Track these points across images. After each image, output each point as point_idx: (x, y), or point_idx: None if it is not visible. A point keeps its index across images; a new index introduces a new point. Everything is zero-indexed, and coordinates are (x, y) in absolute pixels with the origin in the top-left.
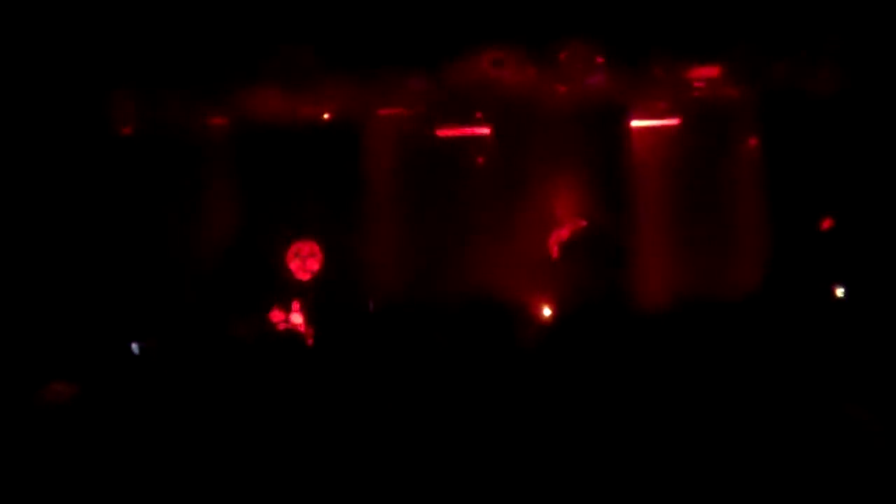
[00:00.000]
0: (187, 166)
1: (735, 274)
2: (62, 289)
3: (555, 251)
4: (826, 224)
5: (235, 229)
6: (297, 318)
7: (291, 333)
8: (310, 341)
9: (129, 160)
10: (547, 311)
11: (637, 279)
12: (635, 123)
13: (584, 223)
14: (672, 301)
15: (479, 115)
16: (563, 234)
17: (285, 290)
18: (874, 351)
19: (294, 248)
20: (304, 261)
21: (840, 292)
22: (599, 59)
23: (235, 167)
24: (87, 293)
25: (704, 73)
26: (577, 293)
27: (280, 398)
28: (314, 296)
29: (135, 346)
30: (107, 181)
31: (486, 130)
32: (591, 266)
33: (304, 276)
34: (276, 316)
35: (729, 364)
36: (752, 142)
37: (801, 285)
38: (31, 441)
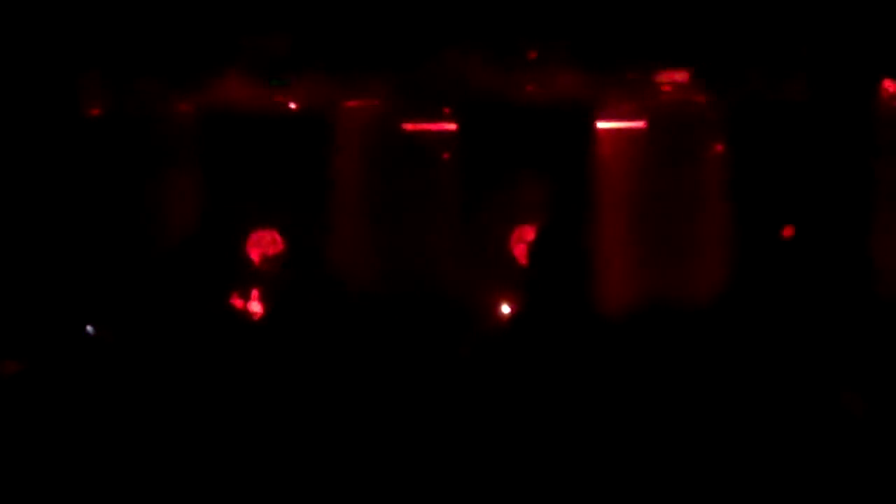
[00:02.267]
0: (152, 151)
1: (699, 279)
2: (18, 269)
3: (517, 250)
4: (788, 231)
5: (198, 216)
6: (256, 307)
7: (245, 317)
8: (266, 328)
9: (94, 143)
10: (506, 309)
11: (600, 281)
12: (601, 125)
13: (548, 223)
14: (635, 304)
15: (446, 110)
16: (526, 233)
17: (245, 279)
18: (836, 352)
19: (255, 236)
20: (266, 249)
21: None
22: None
23: (200, 154)
24: (44, 275)
25: (673, 78)
26: (539, 293)
27: (233, 381)
28: (274, 285)
29: (90, 329)
30: (70, 163)
31: (452, 126)
32: (554, 267)
33: (265, 265)
34: (236, 304)
35: (693, 367)
36: (719, 147)
37: (764, 291)
38: None
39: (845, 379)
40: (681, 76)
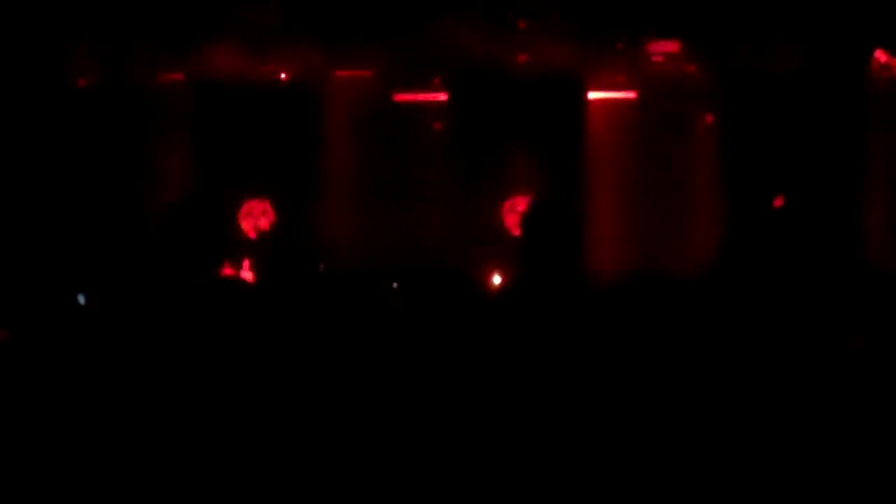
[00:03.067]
0: (143, 120)
1: (690, 249)
2: (8, 237)
3: (508, 221)
4: (779, 201)
5: (188, 185)
6: (247, 277)
7: (236, 281)
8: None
9: (84, 112)
10: (497, 280)
11: (591, 252)
12: (592, 95)
13: (539, 193)
14: (626, 274)
15: (437, 80)
16: (517, 203)
17: (236, 248)
18: (826, 321)
19: (246, 206)
20: (257, 219)
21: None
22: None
23: (191, 124)
24: (34, 243)
25: (664, 48)
26: (530, 264)
27: (226, 351)
28: (265, 255)
29: (81, 297)
30: (60, 133)
31: (443, 97)
32: (545, 237)
33: (256, 235)
34: (227, 274)
35: (684, 336)
36: (710, 118)
37: (755, 261)
38: None
39: (836, 347)
40: (672, 46)
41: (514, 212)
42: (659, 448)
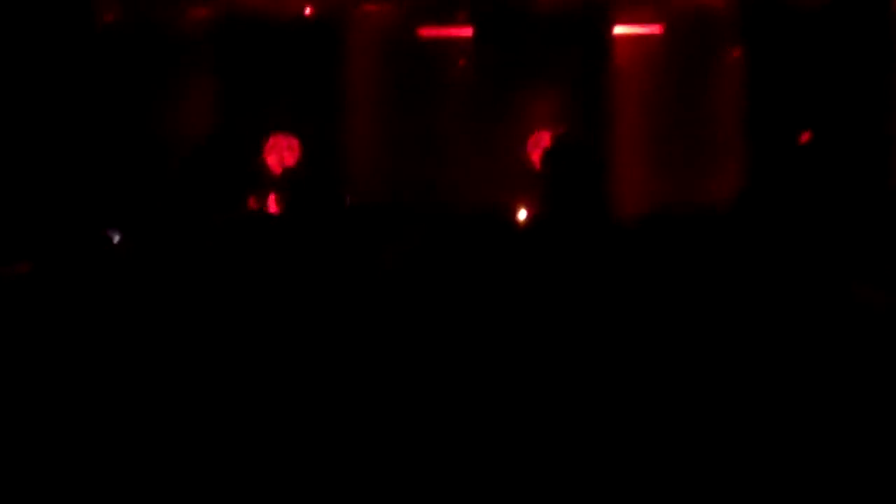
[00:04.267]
0: (168, 58)
1: (715, 186)
2: (39, 172)
3: (533, 157)
4: (805, 137)
5: (214, 121)
6: (272, 212)
7: (262, 216)
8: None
9: (110, 50)
10: (523, 215)
11: (617, 187)
12: (618, 30)
13: (563, 130)
14: (650, 213)
15: (462, 15)
16: (542, 139)
17: (261, 184)
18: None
19: (272, 141)
20: (282, 155)
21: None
22: None
23: (216, 60)
24: (66, 182)
25: None
26: (555, 199)
27: (249, 287)
28: (290, 190)
29: (113, 234)
30: (87, 70)
31: (468, 32)
32: (569, 173)
33: (281, 171)
34: (252, 209)
35: (708, 276)
36: (736, 52)
37: (780, 198)
38: None
39: (862, 278)
40: None
41: (539, 147)
42: (679, 390)
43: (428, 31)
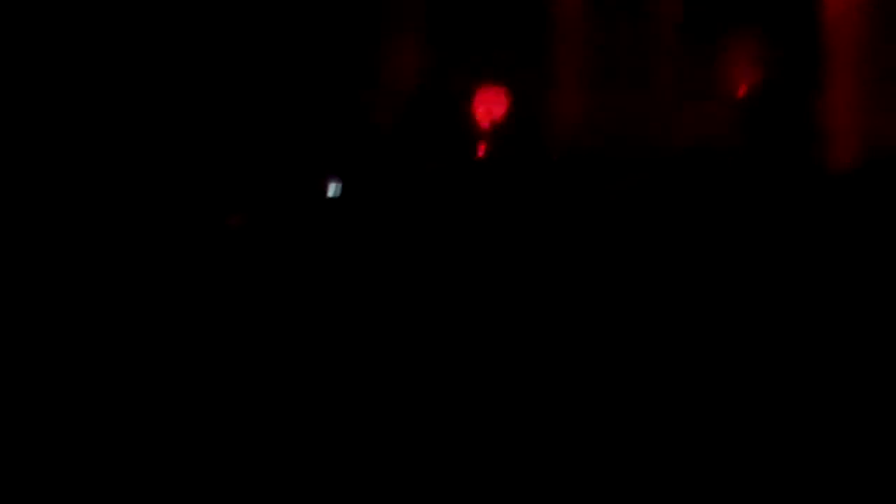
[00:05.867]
0: (374, 9)
1: None
2: (257, 128)
3: (740, 95)
4: None
5: (422, 75)
6: (481, 165)
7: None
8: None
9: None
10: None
11: (823, 131)
12: None
13: (767, 71)
14: (860, 156)
15: None
16: (748, 78)
17: (470, 137)
18: None
19: (480, 93)
20: (490, 108)
21: None
22: None
23: (424, 9)
24: (282, 133)
25: None
26: (761, 144)
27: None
28: (498, 143)
29: (333, 185)
30: (289, 28)
31: None
32: (776, 117)
33: (489, 124)
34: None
35: None
36: None
37: None
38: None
39: None
40: None
41: (745, 87)
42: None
43: None
